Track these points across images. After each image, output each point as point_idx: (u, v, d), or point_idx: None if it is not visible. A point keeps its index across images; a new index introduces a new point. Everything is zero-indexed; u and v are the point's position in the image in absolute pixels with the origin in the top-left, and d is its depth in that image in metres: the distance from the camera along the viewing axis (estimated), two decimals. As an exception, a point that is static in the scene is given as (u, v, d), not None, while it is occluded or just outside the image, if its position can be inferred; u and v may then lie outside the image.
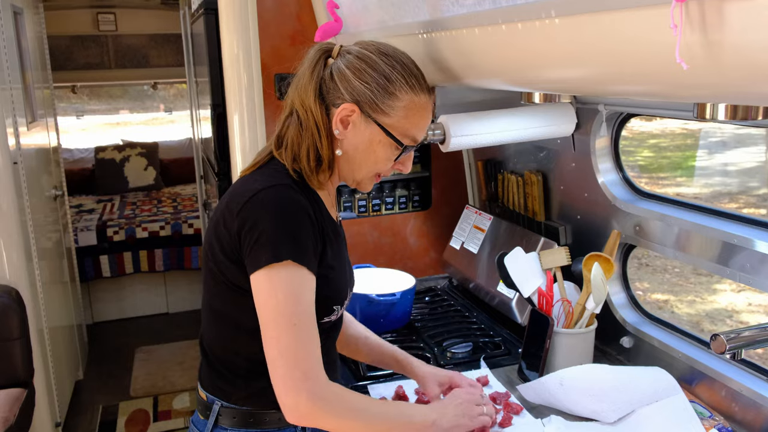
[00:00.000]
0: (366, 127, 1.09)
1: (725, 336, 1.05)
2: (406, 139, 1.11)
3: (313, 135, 1.09)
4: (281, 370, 1.02)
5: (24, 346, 2.41)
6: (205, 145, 3.27)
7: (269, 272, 1.01)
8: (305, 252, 1.03)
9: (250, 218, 1.03)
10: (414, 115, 1.10)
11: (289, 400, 1.01)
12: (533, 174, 1.88)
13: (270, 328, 1.03)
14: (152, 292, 4.63)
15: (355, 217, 2.27)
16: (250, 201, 1.04)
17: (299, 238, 1.03)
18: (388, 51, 1.10)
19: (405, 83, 1.07)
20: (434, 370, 1.37)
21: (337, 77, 1.08)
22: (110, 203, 4.98)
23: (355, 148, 1.11)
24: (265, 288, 1.03)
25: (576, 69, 0.95)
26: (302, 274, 1.03)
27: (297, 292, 1.03)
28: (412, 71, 1.10)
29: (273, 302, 1.02)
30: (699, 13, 0.66)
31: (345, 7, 1.62)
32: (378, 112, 1.07)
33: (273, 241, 1.01)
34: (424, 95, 1.10)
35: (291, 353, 1.01)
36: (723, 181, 7.12)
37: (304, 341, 1.02)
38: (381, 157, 1.12)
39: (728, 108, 0.90)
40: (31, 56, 3.14)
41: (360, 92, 1.07)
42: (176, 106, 6.18)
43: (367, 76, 1.07)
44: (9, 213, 2.49)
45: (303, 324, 1.03)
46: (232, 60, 1.89)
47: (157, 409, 3.41)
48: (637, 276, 5.22)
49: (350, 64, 1.08)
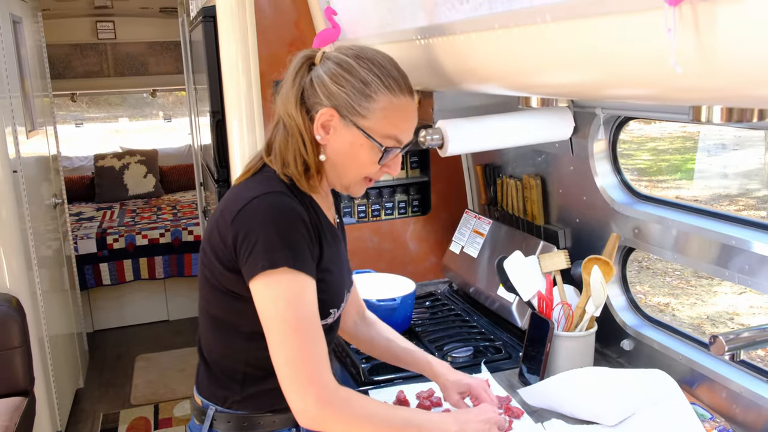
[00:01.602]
0: (346, 131, 1.09)
1: (724, 337, 1.05)
2: (388, 141, 1.10)
3: (297, 142, 1.10)
4: (288, 376, 1.02)
5: (24, 355, 2.41)
6: (204, 151, 3.28)
7: (267, 280, 1.02)
8: (302, 257, 1.04)
9: (244, 227, 1.04)
10: (393, 116, 1.09)
11: (298, 405, 1.02)
12: (532, 178, 1.88)
13: (273, 334, 1.03)
14: (152, 299, 4.63)
15: (354, 222, 2.27)
16: (244, 209, 1.05)
17: (295, 243, 1.03)
18: (366, 54, 1.10)
19: (382, 85, 1.07)
20: (456, 378, 1.33)
21: (316, 83, 1.09)
22: (110, 211, 4.98)
23: (338, 152, 1.11)
24: (265, 296, 1.03)
25: (572, 73, 0.95)
26: (301, 279, 1.03)
27: (297, 297, 1.03)
28: (390, 73, 1.09)
29: (273, 310, 1.03)
30: (693, 17, 0.66)
31: (343, 13, 1.62)
32: (356, 115, 1.07)
33: (268, 249, 1.02)
34: (404, 96, 1.09)
35: (296, 359, 1.02)
36: (722, 184, 7.13)
37: (308, 346, 1.03)
38: (365, 160, 1.11)
39: (723, 110, 0.90)
40: (30, 65, 3.15)
41: (337, 96, 1.07)
42: (175, 113, 6.20)
43: (344, 80, 1.07)
44: (9, 221, 2.49)
45: (306, 329, 1.03)
46: (231, 67, 1.89)
47: (158, 416, 3.40)
48: (638, 279, 5.22)
49: (328, 70, 1.09)
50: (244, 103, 1.92)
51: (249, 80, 1.90)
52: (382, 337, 1.40)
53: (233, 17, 1.85)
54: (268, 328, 1.04)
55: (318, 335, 1.05)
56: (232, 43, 1.87)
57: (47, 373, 2.76)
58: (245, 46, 1.88)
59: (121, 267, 4.38)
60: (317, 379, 1.02)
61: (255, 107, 1.93)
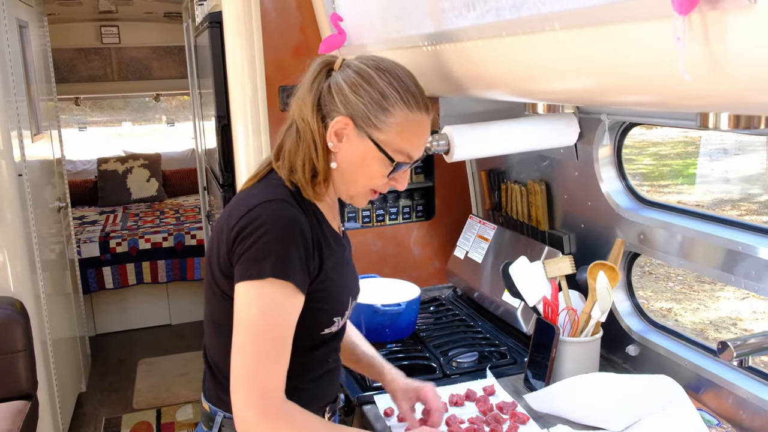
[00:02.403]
0: (359, 142, 1.08)
1: (732, 343, 1.05)
2: (400, 156, 1.09)
3: (309, 146, 1.09)
4: (240, 382, 1.02)
5: (28, 358, 2.41)
6: (208, 156, 3.28)
7: (249, 286, 1.02)
8: (292, 269, 1.03)
9: (243, 232, 1.04)
10: (408, 132, 1.09)
11: (240, 412, 1.02)
12: (536, 183, 1.89)
13: (239, 336, 1.03)
14: (155, 303, 4.63)
15: (359, 227, 2.28)
16: (246, 216, 1.05)
17: (287, 255, 1.03)
18: (387, 66, 1.09)
19: (400, 99, 1.07)
20: (404, 384, 1.34)
21: (334, 90, 1.09)
22: (113, 215, 4.99)
23: (349, 161, 1.10)
24: (244, 300, 1.03)
25: (580, 81, 0.96)
26: (285, 293, 1.03)
27: (275, 309, 1.03)
28: (410, 88, 1.09)
29: (247, 315, 1.02)
30: (702, 26, 0.67)
31: (349, 19, 1.63)
32: (371, 127, 1.07)
33: (259, 257, 1.02)
34: (420, 113, 1.09)
35: (254, 367, 1.01)
36: (724, 189, 7.13)
37: (271, 359, 1.02)
38: (374, 172, 1.11)
39: (731, 117, 0.91)
40: (35, 69, 3.16)
41: (354, 106, 1.07)
42: (178, 117, 6.21)
43: (363, 90, 1.07)
44: (14, 224, 2.50)
45: (274, 341, 1.02)
46: (237, 72, 1.90)
47: (160, 421, 3.40)
48: (640, 284, 5.21)
49: (348, 78, 1.08)
50: (249, 107, 1.93)
51: (255, 85, 1.91)
52: (349, 341, 1.40)
53: (240, 23, 1.86)
54: (236, 329, 1.04)
55: (282, 347, 1.04)
56: (238, 48, 1.88)
57: (50, 377, 2.76)
58: (251, 51, 1.89)
59: (124, 271, 4.38)
60: (268, 392, 1.01)
61: (260, 112, 1.94)
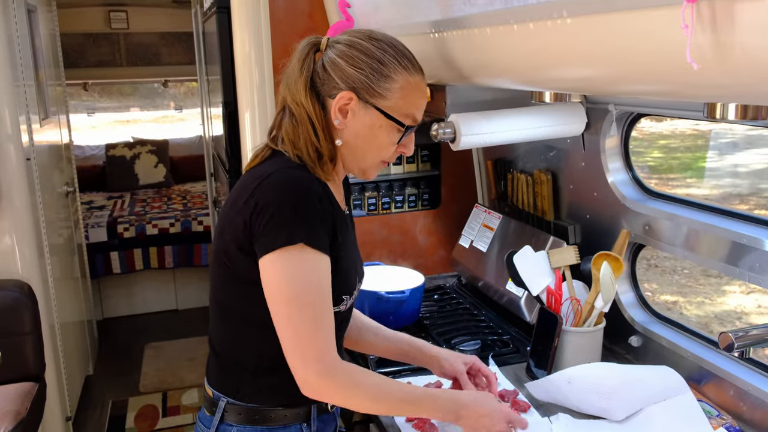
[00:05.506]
0: (365, 114, 1.09)
1: (733, 334, 1.05)
2: (407, 120, 1.11)
3: (307, 130, 1.09)
4: (295, 349, 1.04)
5: (36, 341, 2.44)
6: (216, 142, 3.29)
7: (282, 255, 1.01)
8: (318, 235, 1.03)
9: (261, 201, 1.03)
10: (411, 95, 1.10)
11: (300, 376, 1.05)
12: (543, 173, 1.88)
13: (282, 307, 1.04)
14: (162, 288, 4.66)
15: (364, 215, 2.28)
16: (261, 185, 1.04)
17: (312, 220, 1.03)
18: (378, 36, 1.10)
19: (398, 64, 1.08)
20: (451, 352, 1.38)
21: (329, 68, 1.08)
22: (120, 200, 5.02)
23: (357, 135, 1.10)
24: (277, 270, 1.02)
25: (587, 68, 0.96)
26: (316, 257, 1.03)
27: (311, 274, 1.03)
28: (404, 53, 1.10)
29: (285, 284, 1.02)
30: (710, 14, 0.67)
31: (357, 6, 1.63)
32: (375, 96, 1.08)
33: (286, 224, 1.01)
34: (417, 75, 1.11)
35: (304, 332, 1.03)
36: (733, 183, 7.08)
37: (317, 321, 1.03)
38: (384, 141, 1.11)
39: (738, 108, 0.90)
40: (44, 54, 3.17)
41: (355, 79, 1.07)
42: (186, 104, 6.21)
43: (360, 62, 1.07)
44: (22, 209, 2.52)
45: (317, 305, 1.04)
46: (244, 58, 1.90)
47: (166, 404, 3.43)
48: (646, 277, 5.20)
49: (341, 52, 1.08)
50: (256, 94, 1.93)
51: (262, 71, 1.91)
52: (372, 324, 1.41)
53: (247, 8, 1.86)
54: (276, 301, 1.04)
55: (328, 312, 1.05)
56: (245, 34, 1.88)
57: (58, 360, 2.79)
58: (259, 37, 1.89)
59: (131, 256, 4.41)
60: (323, 353, 1.04)
61: (267, 98, 1.94)
